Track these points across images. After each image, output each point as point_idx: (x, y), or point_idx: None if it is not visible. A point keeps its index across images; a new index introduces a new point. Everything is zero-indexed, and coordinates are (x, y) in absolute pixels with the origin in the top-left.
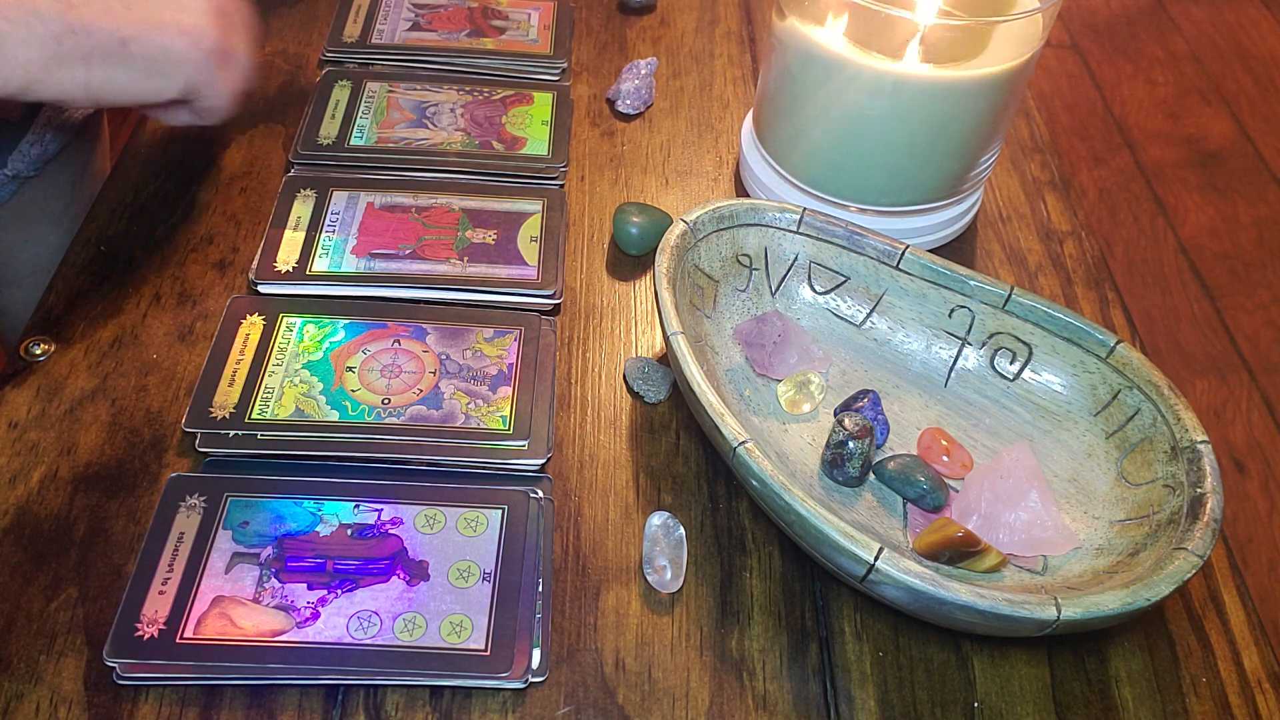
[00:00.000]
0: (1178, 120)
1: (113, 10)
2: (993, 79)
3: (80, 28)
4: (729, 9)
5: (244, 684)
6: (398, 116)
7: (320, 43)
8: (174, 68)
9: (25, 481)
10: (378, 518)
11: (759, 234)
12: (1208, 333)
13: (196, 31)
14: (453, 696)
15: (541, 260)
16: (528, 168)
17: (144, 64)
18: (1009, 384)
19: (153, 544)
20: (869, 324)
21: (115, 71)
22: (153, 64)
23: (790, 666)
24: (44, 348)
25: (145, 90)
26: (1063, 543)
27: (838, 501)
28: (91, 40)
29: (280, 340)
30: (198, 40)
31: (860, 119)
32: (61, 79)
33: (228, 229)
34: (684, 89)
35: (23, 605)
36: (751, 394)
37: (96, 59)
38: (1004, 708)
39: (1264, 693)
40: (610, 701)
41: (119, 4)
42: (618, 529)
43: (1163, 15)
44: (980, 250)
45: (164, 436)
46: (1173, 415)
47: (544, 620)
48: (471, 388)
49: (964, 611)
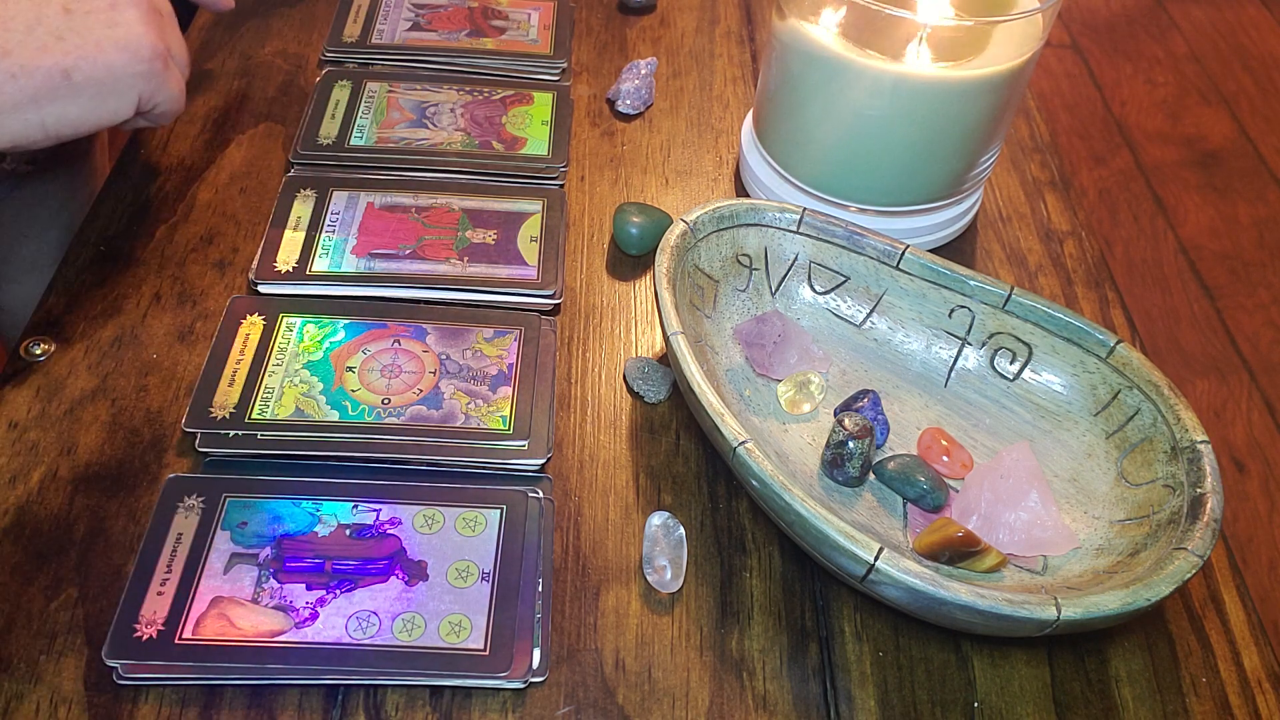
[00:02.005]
0: (1178, 120)
1: (47, 46)
2: (993, 79)
3: (20, 71)
4: (729, 9)
5: (244, 684)
6: (398, 116)
7: (320, 43)
8: (123, 85)
9: (25, 481)
10: (376, 518)
11: (759, 234)
12: (1208, 333)
13: (134, 44)
14: (453, 696)
15: (541, 260)
16: (528, 168)
17: (92, 89)
18: (1009, 384)
19: (151, 545)
20: (869, 324)
21: (66, 105)
22: (100, 87)
23: (790, 666)
24: (44, 347)
25: (102, 115)
26: (1063, 543)
27: (838, 501)
28: (34, 81)
29: (280, 340)
30: (137, 52)
31: (860, 119)
32: (14, 124)
33: (228, 229)
34: (684, 89)
35: (23, 605)
36: (751, 394)
37: (44, 97)
38: (1004, 708)
39: (1264, 693)
40: (610, 701)
41: (51, 38)
42: (618, 529)
43: (1163, 15)
44: (980, 250)
45: (164, 436)
46: (1173, 415)
47: (544, 620)
48: (471, 388)
49: (964, 611)
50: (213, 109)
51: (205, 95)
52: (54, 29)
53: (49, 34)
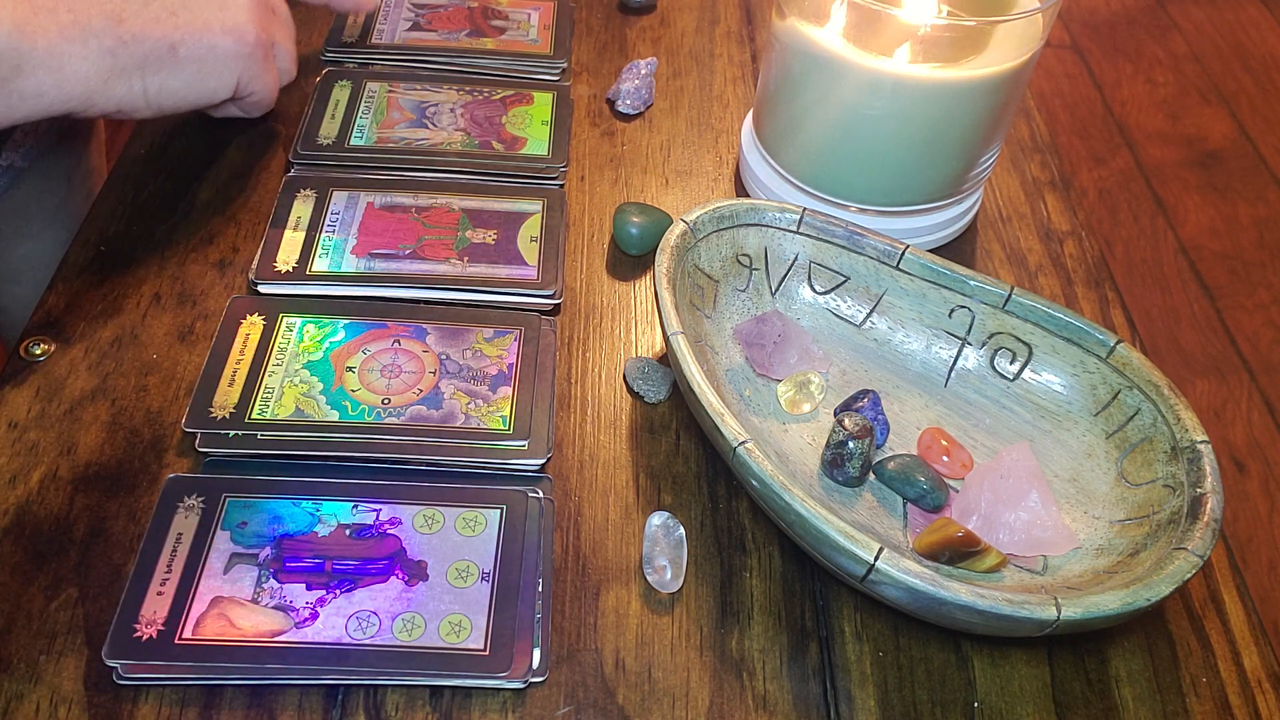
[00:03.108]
0: (1178, 120)
1: (160, 19)
2: (993, 79)
3: (131, 39)
4: (729, 9)
5: (244, 684)
6: (398, 116)
7: (320, 43)
8: (223, 67)
9: (25, 481)
10: (376, 518)
11: (759, 234)
12: (1208, 333)
13: (239, 29)
14: (453, 696)
15: (541, 260)
16: (528, 168)
17: (194, 66)
18: (1009, 384)
19: (150, 545)
20: (869, 324)
21: (169, 77)
22: (202, 65)
23: (790, 666)
24: (44, 348)
25: (201, 92)
26: (1063, 543)
27: (838, 501)
28: (143, 49)
29: (280, 340)
30: (242, 37)
31: (860, 119)
32: (119, 90)
33: (228, 229)
34: (684, 89)
35: (23, 605)
36: (751, 394)
37: (150, 67)
38: (1004, 708)
39: (1264, 693)
40: (610, 701)
41: (165, 11)
42: (618, 529)
43: (1163, 15)
44: (980, 250)
45: (164, 436)
46: (1173, 415)
47: (544, 620)
48: (471, 388)
49: (964, 611)
50: None
51: None
52: (168, 4)
53: (163, 8)
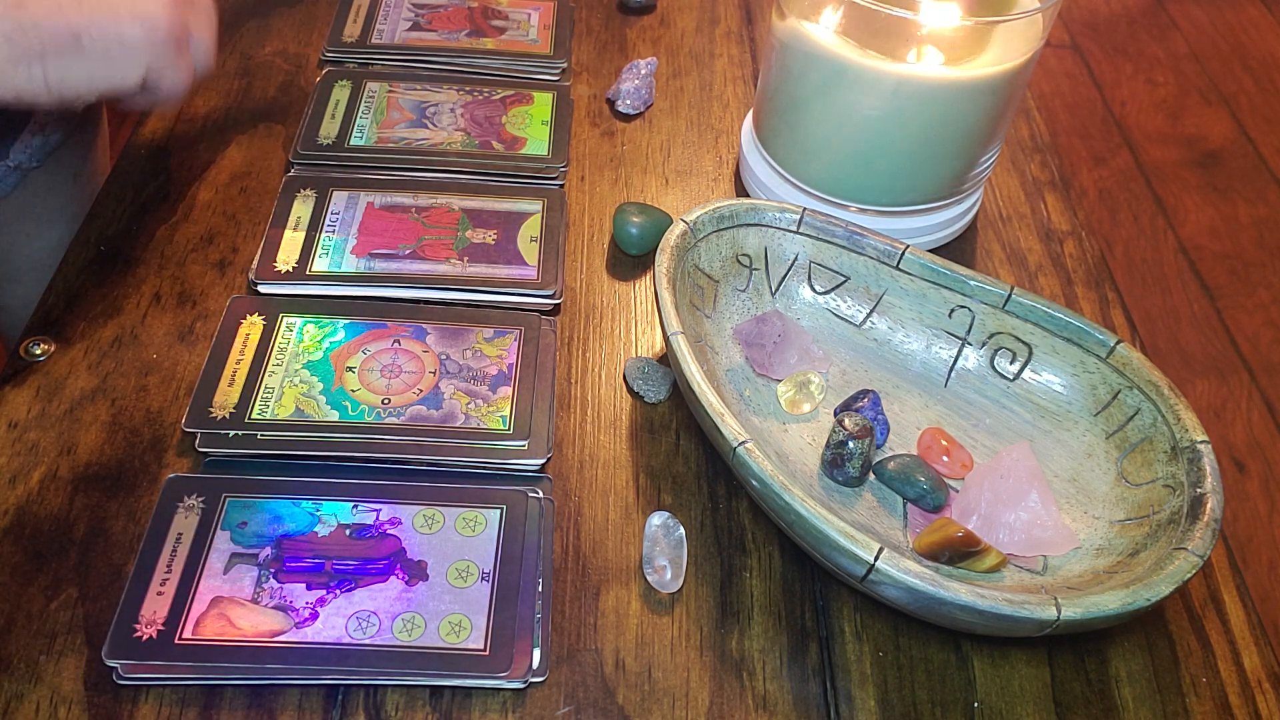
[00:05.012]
0: (1178, 120)
1: (63, 4)
2: (993, 79)
3: (30, 25)
4: (729, 9)
5: (244, 684)
6: (398, 116)
7: (320, 43)
8: (130, 56)
9: (25, 481)
10: (376, 518)
11: (759, 234)
12: (1208, 333)
13: (149, 17)
14: (453, 696)
15: (541, 260)
16: (528, 168)
17: (100, 55)
18: (1009, 384)
19: (151, 545)
20: (869, 324)
21: (71, 65)
22: (108, 54)
23: (790, 666)
24: (44, 348)
25: (105, 81)
26: (1063, 543)
27: (838, 501)
28: (44, 36)
29: (280, 340)
30: (152, 25)
31: (860, 119)
32: (18, 78)
33: (228, 229)
34: (684, 89)
35: (23, 605)
36: (751, 394)
37: (51, 55)
38: (1004, 708)
39: (1264, 693)
40: (610, 701)
41: None
42: (618, 529)
43: (1163, 15)
44: (980, 250)
45: (164, 436)
46: (1173, 415)
47: (544, 620)
48: (471, 388)
49: (964, 611)
50: (213, 109)
51: (205, 95)
52: None
53: None
